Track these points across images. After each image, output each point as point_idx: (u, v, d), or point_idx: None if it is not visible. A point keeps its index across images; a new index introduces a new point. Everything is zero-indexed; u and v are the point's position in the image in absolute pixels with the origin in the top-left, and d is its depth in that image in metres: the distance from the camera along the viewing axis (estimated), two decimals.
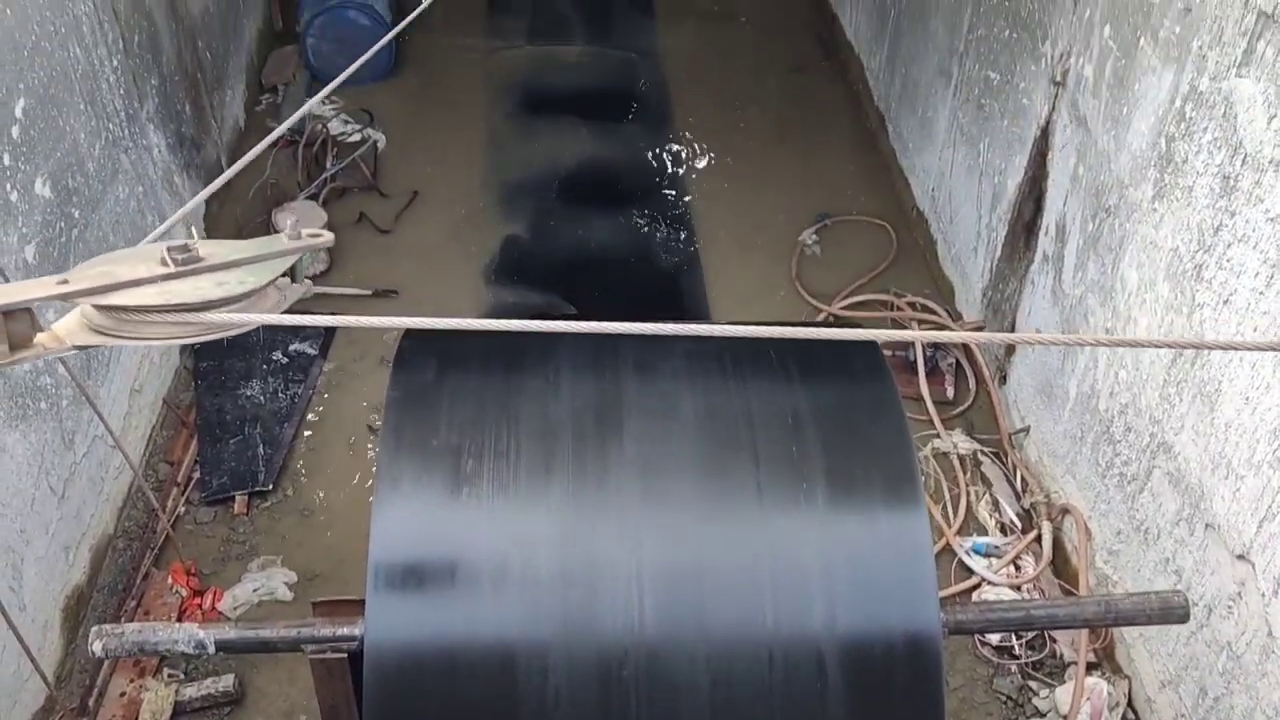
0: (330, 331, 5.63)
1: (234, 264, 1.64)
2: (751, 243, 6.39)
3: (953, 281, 5.87)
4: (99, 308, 1.59)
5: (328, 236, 1.78)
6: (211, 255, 1.65)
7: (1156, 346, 3.66)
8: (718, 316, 5.87)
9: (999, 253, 5.21)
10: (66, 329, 1.62)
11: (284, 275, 1.70)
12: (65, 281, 1.59)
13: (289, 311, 1.70)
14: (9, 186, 3.75)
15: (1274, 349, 1.67)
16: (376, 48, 2.84)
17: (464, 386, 2.82)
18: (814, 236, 6.41)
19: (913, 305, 5.83)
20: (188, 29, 5.89)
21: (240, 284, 1.62)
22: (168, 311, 1.58)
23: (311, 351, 5.50)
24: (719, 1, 8.94)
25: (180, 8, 5.77)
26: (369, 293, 5.85)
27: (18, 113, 3.83)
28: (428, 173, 6.85)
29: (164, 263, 1.62)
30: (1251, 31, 3.16)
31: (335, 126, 7.01)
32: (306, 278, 5.66)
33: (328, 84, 2.79)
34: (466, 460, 2.62)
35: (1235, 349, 2.02)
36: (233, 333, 1.63)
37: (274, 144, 7.26)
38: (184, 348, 5.40)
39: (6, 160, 3.74)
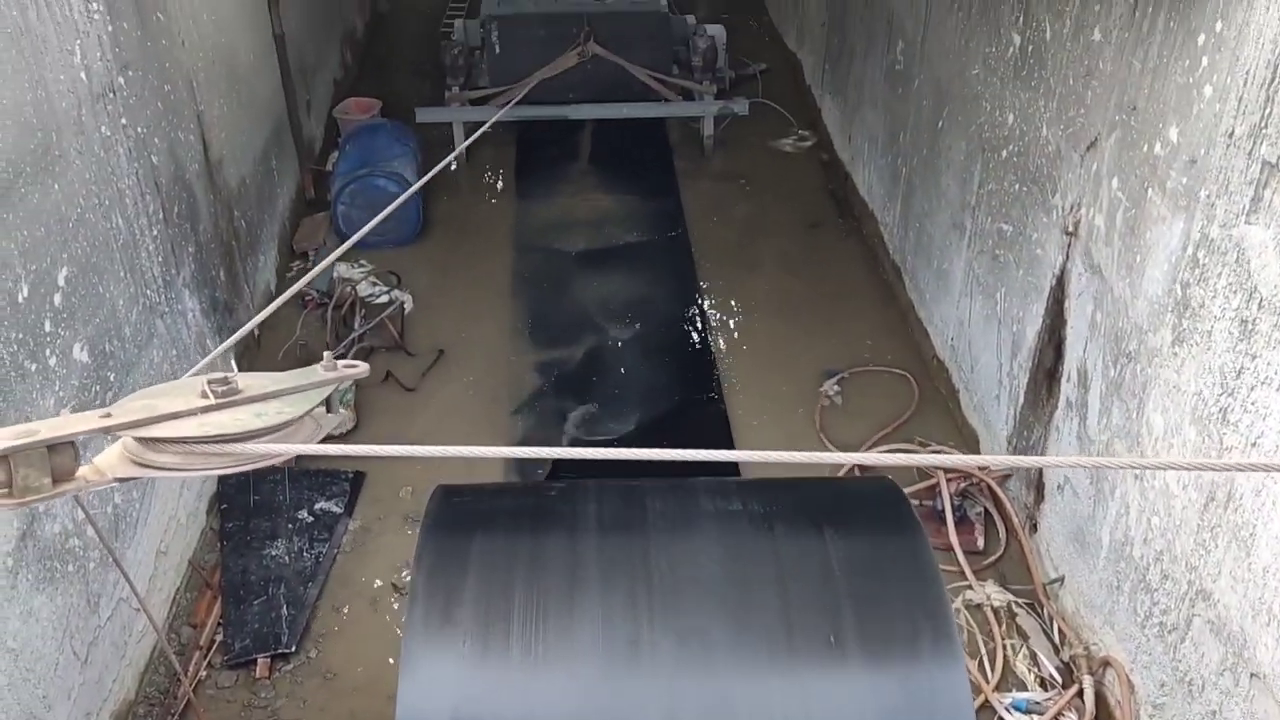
0: (355, 490, 5.65)
1: (272, 395, 1.68)
2: (775, 395, 6.43)
3: (976, 430, 5.85)
4: (141, 440, 1.61)
5: (363, 367, 1.81)
6: (250, 387, 1.68)
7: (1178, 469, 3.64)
8: (745, 474, 5.85)
9: (1022, 400, 5.22)
10: (108, 462, 1.63)
11: (319, 405, 1.73)
12: (109, 415, 1.61)
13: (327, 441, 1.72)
14: (48, 352, 3.85)
15: None
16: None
17: (490, 557, 2.83)
18: (836, 388, 6.45)
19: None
20: (224, 199, 6.13)
21: (278, 414, 1.66)
22: (208, 442, 1.60)
23: (337, 510, 5.50)
24: (733, 165, 9.24)
25: (219, 179, 6.03)
26: None
27: (60, 281, 3.96)
28: (454, 331, 6.99)
29: (204, 395, 1.65)
30: (1258, 181, 3.24)
31: (364, 289, 7.19)
32: (331, 434, 5.69)
33: (358, 250, 2.90)
34: (493, 633, 2.61)
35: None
36: (271, 462, 1.65)
37: (303, 305, 7.40)
38: (211, 508, 5.41)
39: (48, 326, 3.86)
